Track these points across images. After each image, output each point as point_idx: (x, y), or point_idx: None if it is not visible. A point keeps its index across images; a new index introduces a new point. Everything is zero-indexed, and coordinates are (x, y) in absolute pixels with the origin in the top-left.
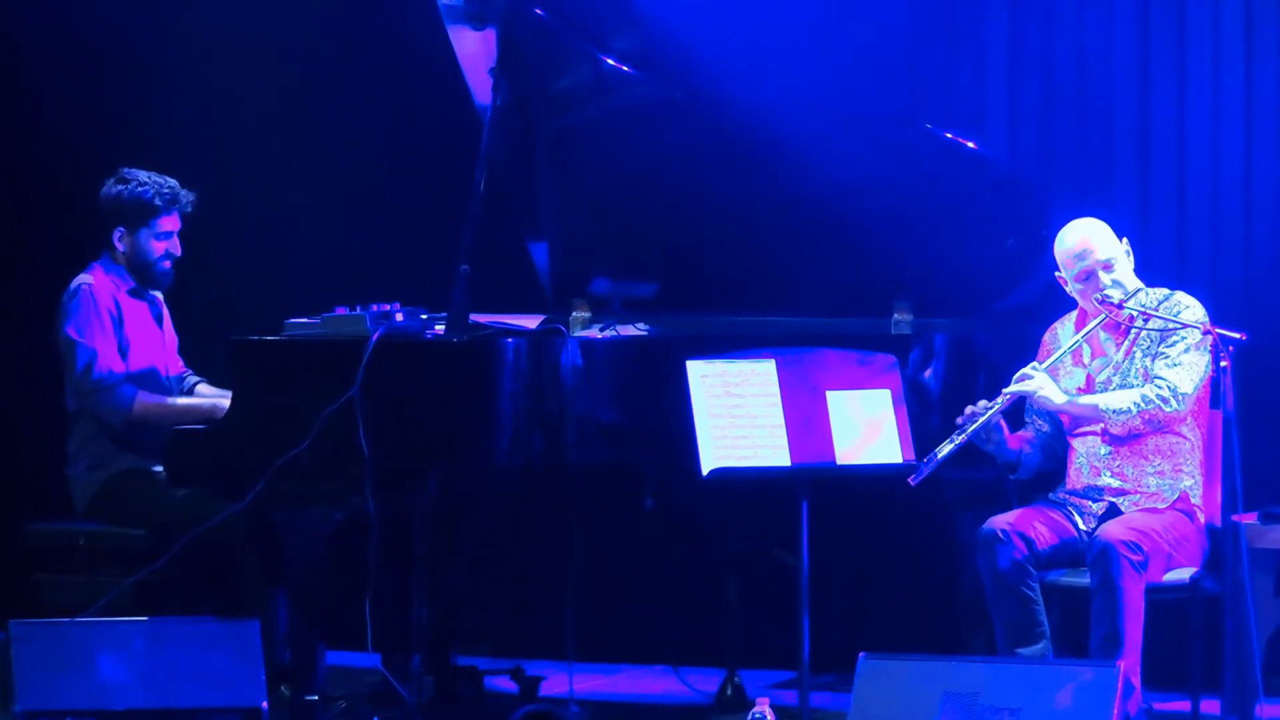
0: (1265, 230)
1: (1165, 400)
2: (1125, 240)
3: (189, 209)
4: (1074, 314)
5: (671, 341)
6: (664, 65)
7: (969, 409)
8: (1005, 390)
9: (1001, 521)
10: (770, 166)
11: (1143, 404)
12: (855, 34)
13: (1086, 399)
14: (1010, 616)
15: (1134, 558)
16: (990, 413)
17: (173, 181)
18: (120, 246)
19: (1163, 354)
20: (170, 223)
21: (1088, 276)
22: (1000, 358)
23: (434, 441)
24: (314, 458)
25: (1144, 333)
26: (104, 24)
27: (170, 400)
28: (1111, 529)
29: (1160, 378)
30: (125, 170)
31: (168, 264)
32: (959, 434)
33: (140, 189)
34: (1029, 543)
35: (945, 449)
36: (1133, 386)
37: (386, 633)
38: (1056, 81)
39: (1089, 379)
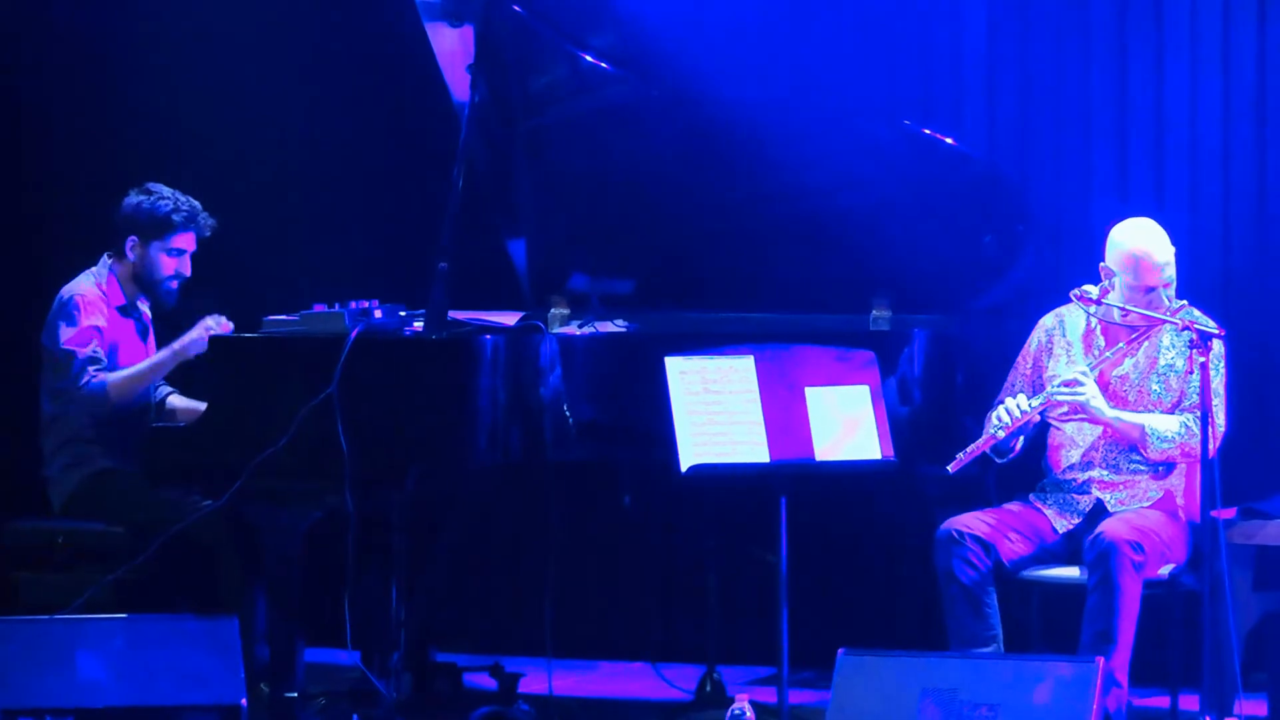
0: (1243, 226)
1: None
2: (1173, 249)
3: (207, 233)
4: (1087, 306)
5: (650, 338)
6: (642, 63)
7: (1008, 406)
8: (1052, 395)
9: (960, 524)
10: (749, 163)
11: (1184, 434)
12: (833, 31)
13: (1132, 417)
14: (960, 618)
15: (1136, 558)
16: (1029, 415)
17: (195, 202)
18: (130, 256)
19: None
20: (185, 241)
21: (1149, 290)
22: (978, 354)
23: (412, 439)
24: (292, 455)
25: (1167, 340)
26: (77, 25)
27: (131, 369)
28: (1115, 528)
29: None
30: (149, 184)
31: (175, 284)
32: (998, 429)
33: (161, 202)
34: (989, 549)
35: (981, 444)
36: (1153, 392)
37: (365, 630)
38: (1034, 78)
39: (1102, 374)
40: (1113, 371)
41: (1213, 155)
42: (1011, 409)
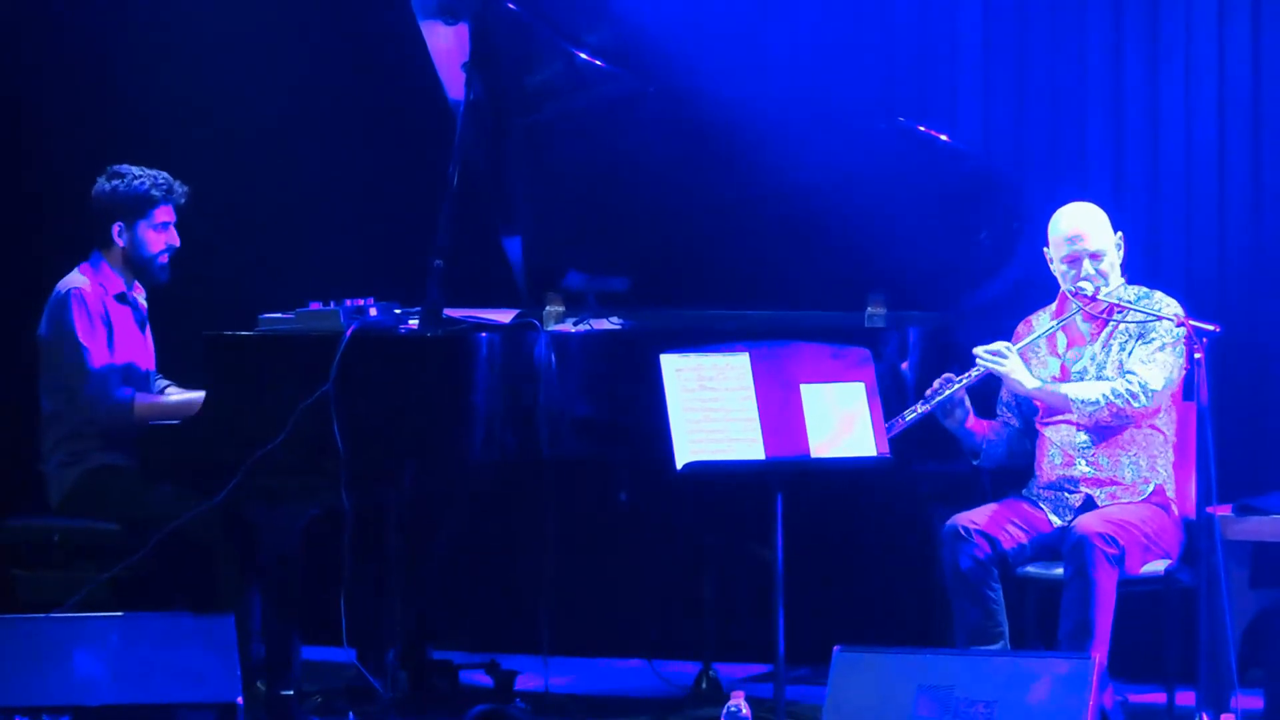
0: (1239, 223)
1: (1134, 396)
2: (1119, 234)
3: (183, 200)
4: (1052, 306)
5: (645, 335)
6: (638, 60)
7: (939, 381)
8: (978, 361)
9: (966, 519)
10: (744, 160)
11: (1111, 397)
12: (829, 27)
13: (1056, 387)
14: (968, 615)
15: (1109, 550)
16: (957, 386)
17: (165, 174)
18: (120, 242)
19: (1137, 350)
20: (166, 213)
21: (1074, 261)
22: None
23: (408, 436)
24: (288, 453)
25: (1122, 326)
26: (76, 24)
27: (164, 399)
28: (1088, 521)
29: (1131, 373)
30: (115, 167)
31: (165, 258)
32: (924, 403)
33: (135, 182)
34: (994, 543)
35: (910, 415)
36: (1108, 380)
37: (362, 627)
38: (1030, 75)
39: (1064, 368)
40: (1074, 366)
41: (1208, 152)
42: (939, 382)
